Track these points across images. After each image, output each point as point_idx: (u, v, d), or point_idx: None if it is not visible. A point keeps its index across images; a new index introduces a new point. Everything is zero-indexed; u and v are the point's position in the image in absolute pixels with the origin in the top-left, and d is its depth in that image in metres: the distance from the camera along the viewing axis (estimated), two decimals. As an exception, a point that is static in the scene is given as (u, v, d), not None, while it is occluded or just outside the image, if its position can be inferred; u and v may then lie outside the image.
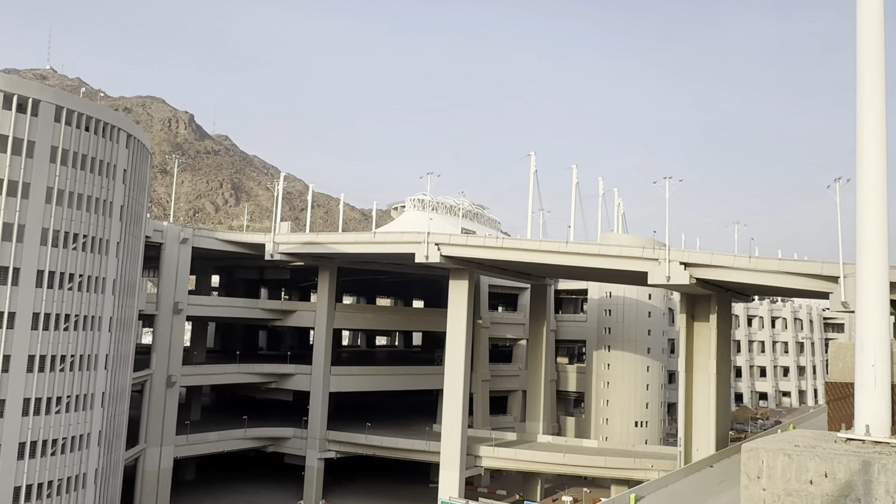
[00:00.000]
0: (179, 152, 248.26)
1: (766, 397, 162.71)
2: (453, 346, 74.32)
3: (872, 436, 27.41)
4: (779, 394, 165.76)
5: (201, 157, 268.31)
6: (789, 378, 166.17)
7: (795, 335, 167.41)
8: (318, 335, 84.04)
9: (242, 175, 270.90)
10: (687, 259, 57.59)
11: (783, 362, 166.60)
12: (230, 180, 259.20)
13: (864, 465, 24.91)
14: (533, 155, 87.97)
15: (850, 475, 25.08)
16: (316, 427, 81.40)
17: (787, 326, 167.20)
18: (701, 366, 67.79)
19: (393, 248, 72.70)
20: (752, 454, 26.50)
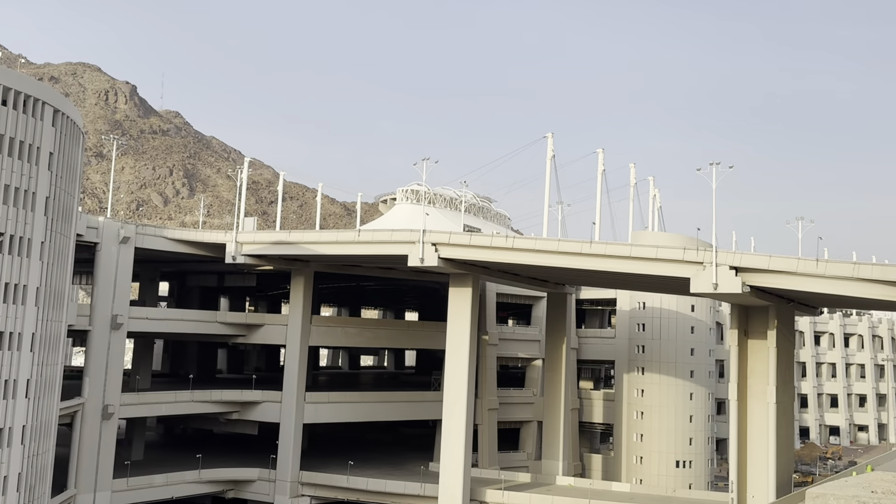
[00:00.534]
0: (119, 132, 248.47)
1: (838, 432, 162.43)
2: (454, 367, 74.16)
3: (966, 480, 27.22)
4: (854, 428, 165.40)
5: (146, 137, 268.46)
6: (866, 409, 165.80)
7: (874, 356, 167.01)
8: (289, 354, 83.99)
9: (197, 160, 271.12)
10: (739, 262, 57.42)
11: (859, 389, 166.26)
12: (182, 166, 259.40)
13: (955, 516, 24.71)
14: (550, 137, 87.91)
15: (939, 528, 24.89)
16: (287, 467, 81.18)
17: (863, 345, 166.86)
18: (757, 393, 67.65)
19: (381, 250, 72.65)
20: (818, 502, 26.30)
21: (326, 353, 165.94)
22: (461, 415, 73.40)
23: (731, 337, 69.18)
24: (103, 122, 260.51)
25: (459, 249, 69.41)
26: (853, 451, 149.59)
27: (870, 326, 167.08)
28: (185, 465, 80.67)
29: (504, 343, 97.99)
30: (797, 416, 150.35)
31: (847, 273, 53.42)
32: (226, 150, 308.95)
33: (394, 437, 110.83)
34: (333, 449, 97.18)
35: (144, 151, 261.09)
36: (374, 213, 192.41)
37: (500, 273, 77.94)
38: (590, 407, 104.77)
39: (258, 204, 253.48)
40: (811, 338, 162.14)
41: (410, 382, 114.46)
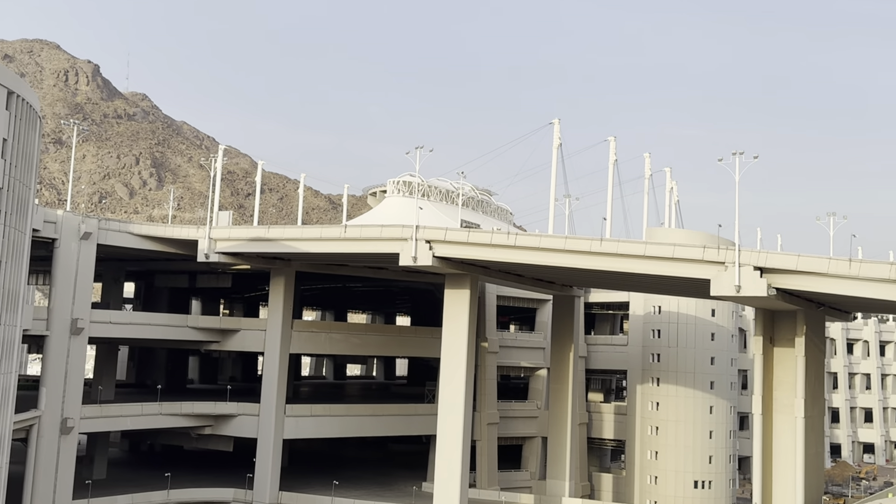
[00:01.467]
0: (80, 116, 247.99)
1: (873, 450, 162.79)
2: (450, 377, 74.22)
3: None
4: (890, 445, 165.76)
5: (110, 122, 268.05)
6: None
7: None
8: (268, 363, 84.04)
9: (167, 148, 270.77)
10: (764, 263, 57.57)
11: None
12: (150, 155, 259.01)
13: None
14: (556, 123, 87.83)
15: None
16: (265, 487, 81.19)
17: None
18: (784, 407, 67.86)
19: (370, 247, 72.68)
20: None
21: (309, 362, 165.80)
22: (457, 430, 73.41)
23: (755, 345, 69.34)
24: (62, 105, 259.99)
25: (456, 247, 69.43)
26: (889, 470, 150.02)
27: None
28: (152, 485, 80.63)
29: (505, 351, 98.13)
30: (828, 431, 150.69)
31: (883, 274, 53.55)
32: (198, 136, 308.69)
33: (383, 455, 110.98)
34: (316, 467, 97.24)
35: (108, 138, 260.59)
36: (362, 206, 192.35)
37: (502, 273, 77.98)
38: (599, 421, 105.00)
39: (234, 196, 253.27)
40: (843, 346, 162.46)
41: (402, 394, 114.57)
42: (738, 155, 60.44)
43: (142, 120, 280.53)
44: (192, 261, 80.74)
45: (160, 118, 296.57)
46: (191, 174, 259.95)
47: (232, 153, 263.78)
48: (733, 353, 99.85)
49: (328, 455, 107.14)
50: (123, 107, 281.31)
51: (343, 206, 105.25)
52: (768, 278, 57.50)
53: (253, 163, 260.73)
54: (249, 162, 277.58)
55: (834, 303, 68.51)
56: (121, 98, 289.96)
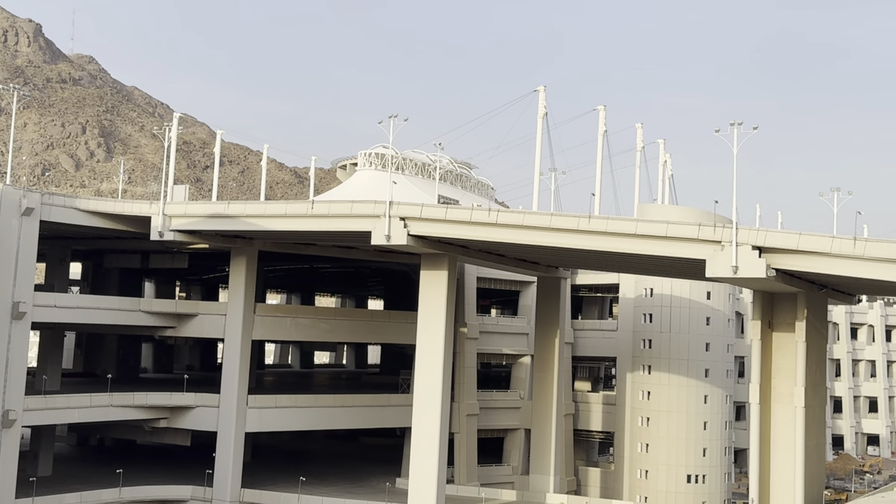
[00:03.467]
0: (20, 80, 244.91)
1: (878, 441, 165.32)
2: (426, 365, 74.48)
3: None
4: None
5: (53, 87, 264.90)
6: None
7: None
8: (228, 350, 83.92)
9: (116, 116, 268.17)
10: (763, 241, 58.09)
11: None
12: (98, 123, 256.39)
13: None
14: (542, 91, 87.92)
15: None
16: (225, 484, 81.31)
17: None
18: (783, 396, 68.74)
19: (339, 225, 72.52)
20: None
21: (273, 349, 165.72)
22: (434, 422, 73.78)
23: (752, 330, 70.07)
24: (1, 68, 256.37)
25: (433, 225, 69.45)
26: (895, 463, 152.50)
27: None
28: (102, 483, 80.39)
29: (486, 337, 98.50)
30: (830, 422, 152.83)
31: (891, 254, 54.21)
32: (151, 103, 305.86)
33: (354, 449, 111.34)
34: (282, 462, 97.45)
35: (51, 104, 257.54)
36: (330, 180, 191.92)
37: (482, 253, 78.18)
38: (587, 412, 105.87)
39: (190, 169, 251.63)
40: (847, 331, 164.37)
41: (374, 384, 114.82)
42: (736, 126, 60.69)
43: (88, 85, 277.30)
44: (145, 239, 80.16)
45: (109, 83, 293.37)
46: (143, 144, 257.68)
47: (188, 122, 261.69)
48: (730, 338, 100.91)
49: (295, 449, 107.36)
50: (68, 70, 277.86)
51: (310, 179, 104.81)
52: (767, 258, 58.05)
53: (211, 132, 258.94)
54: (207, 131, 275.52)
55: (837, 284, 69.33)
56: (65, 61, 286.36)
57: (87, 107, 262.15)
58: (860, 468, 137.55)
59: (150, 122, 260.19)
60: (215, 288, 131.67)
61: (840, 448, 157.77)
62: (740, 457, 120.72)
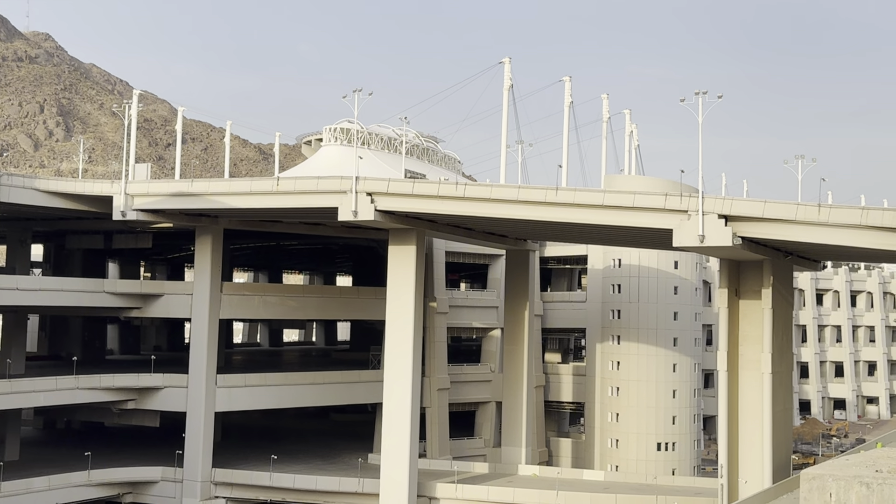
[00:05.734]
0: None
1: (844, 406, 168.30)
2: (396, 340, 74.66)
3: (983, 453, 28.55)
4: (862, 401, 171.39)
5: (9, 66, 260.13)
6: (876, 378, 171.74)
7: (885, 317, 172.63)
8: (196, 330, 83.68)
9: (75, 94, 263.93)
10: (729, 210, 58.58)
11: (868, 356, 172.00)
12: (56, 102, 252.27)
13: (970, 495, 25.98)
14: (507, 63, 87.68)
15: (951, 509, 26.20)
16: (196, 464, 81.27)
17: (873, 305, 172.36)
18: (750, 362, 69.57)
19: (305, 201, 72.25)
20: (815, 484, 27.49)
21: (242, 328, 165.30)
22: (405, 397, 74.05)
23: (720, 298, 70.68)
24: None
25: (400, 199, 69.32)
26: (861, 426, 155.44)
27: (880, 282, 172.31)
28: (71, 466, 79.99)
29: (455, 311, 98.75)
30: (797, 387, 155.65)
31: (854, 220, 54.82)
32: (110, 80, 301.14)
33: (325, 426, 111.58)
34: (253, 441, 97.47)
35: (8, 84, 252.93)
36: (296, 156, 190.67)
37: (450, 227, 78.16)
38: (557, 383, 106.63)
39: (152, 147, 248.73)
40: (812, 297, 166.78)
41: (344, 360, 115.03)
42: (701, 95, 60.96)
43: (45, 63, 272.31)
44: (108, 219, 79.60)
45: (66, 61, 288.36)
46: (103, 123, 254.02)
47: (148, 99, 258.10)
48: (697, 307, 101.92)
49: (265, 428, 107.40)
50: (24, 48, 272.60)
51: (275, 156, 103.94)
52: (733, 227, 58.54)
53: (172, 109, 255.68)
54: (168, 108, 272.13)
55: (803, 251, 70.18)
56: (21, 38, 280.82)
57: (44, 85, 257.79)
58: (827, 432, 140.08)
59: (110, 100, 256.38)
60: (181, 267, 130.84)
61: (807, 413, 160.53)
62: (709, 423, 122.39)
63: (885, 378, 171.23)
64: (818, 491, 27.81)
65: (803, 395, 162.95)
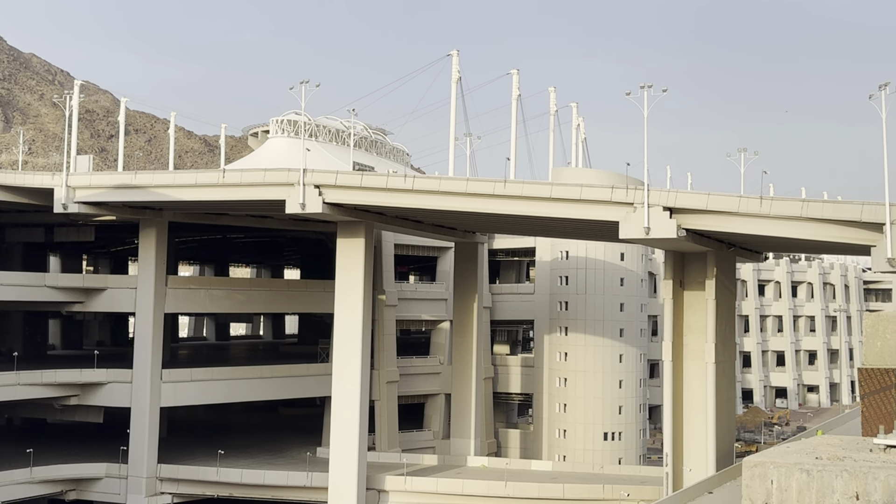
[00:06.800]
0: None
1: (786, 394, 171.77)
2: (344, 333, 74.56)
3: (920, 440, 29.26)
4: (802, 389, 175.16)
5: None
6: (817, 367, 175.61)
7: (825, 307, 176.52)
8: (141, 324, 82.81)
9: (14, 84, 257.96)
10: (673, 202, 59.29)
11: (808, 345, 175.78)
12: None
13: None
14: (455, 55, 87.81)
15: (891, 496, 26.94)
16: (141, 460, 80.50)
17: (813, 295, 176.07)
18: (694, 352, 70.64)
19: (252, 194, 71.81)
20: (756, 471, 28.06)
21: (187, 322, 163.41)
22: (354, 390, 74.06)
23: (665, 289, 71.66)
24: None
25: (349, 192, 69.15)
26: (802, 414, 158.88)
27: (820, 273, 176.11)
28: (12, 463, 78.67)
29: (405, 303, 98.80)
30: (739, 377, 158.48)
31: (795, 212, 55.85)
32: (50, 70, 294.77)
33: (274, 420, 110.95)
34: (199, 437, 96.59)
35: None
36: (242, 148, 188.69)
37: (399, 220, 78.16)
38: (506, 375, 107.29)
39: (94, 139, 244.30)
40: (755, 288, 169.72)
41: (292, 354, 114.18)
42: (646, 88, 61.59)
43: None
44: (49, 212, 78.28)
45: (4, 50, 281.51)
46: (43, 114, 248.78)
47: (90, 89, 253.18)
48: (643, 298, 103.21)
49: (212, 423, 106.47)
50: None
51: (220, 148, 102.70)
52: (678, 219, 59.27)
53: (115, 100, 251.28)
54: (111, 99, 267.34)
55: (745, 243, 71.41)
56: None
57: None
58: (769, 420, 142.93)
59: (51, 91, 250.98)
60: (125, 261, 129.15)
61: (749, 401, 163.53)
62: (655, 413, 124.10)
63: (825, 367, 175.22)
64: (760, 478, 28.39)
65: (746, 384, 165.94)
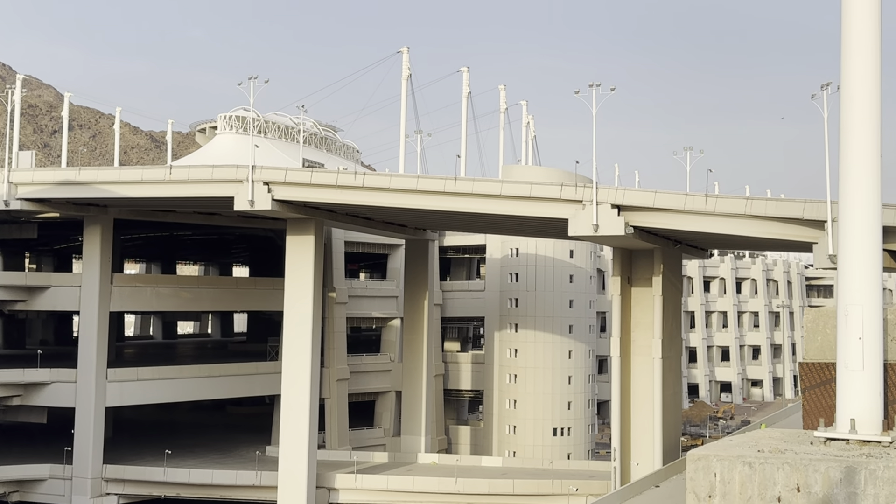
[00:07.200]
0: None
1: (731, 389, 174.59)
2: (294, 331, 74.24)
3: (859, 433, 29.69)
4: (747, 384, 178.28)
5: None
6: (760, 362, 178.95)
7: (768, 302, 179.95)
8: (85, 323, 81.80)
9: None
10: (622, 200, 59.99)
11: (752, 340, 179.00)
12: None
13: (847, 474, 27.08)
14: (405, 52, 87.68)
15: (830, 487, 27.30)
16: (86, 461, 79.47)
17: (756, 291, 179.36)
18: (641, 348, 71.56)
19: (200, 190, 71.17)
20: (700, 465, 28.35)
21: (134, 320, 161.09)
22: (304, 388, 73.71)
23: (613, 285, 72.46)
24: None
25: (298, 189, 68.82)
26: (746, 408, 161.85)
27: (764, 270, 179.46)
28: (-47, 466, 77.29)
29: (355, 301, 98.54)
30: (685, 372, 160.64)
31: (739, 209, 56.94)
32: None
33: (223, 419, 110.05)
34: (146, 437, 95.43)
35: None
36: (189, 144, 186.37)
37: (349, 217, 77.94)
38: (456, 372, 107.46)
39: (37, 134, 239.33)
40: (700, 284, 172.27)
41: (241, 352, 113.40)
42: (595, 87, 62.15)
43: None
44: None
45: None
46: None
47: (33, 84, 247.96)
48: (592, 295, 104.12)
49: (160, 422, 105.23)
50: None
51: (167, 144, 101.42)
52: (626, 216, 60.02)
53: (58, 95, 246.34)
54: (54, 94, 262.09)
55: (691, 240, 72.48)
56: None
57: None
58: (714, 414, 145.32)
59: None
60: (69, 258, 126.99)
61: (695, 396, 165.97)
62: (603, 408, 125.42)
63: (769, 362, 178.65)
64: (703, 471, 28.71)
65: (691, 379, 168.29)
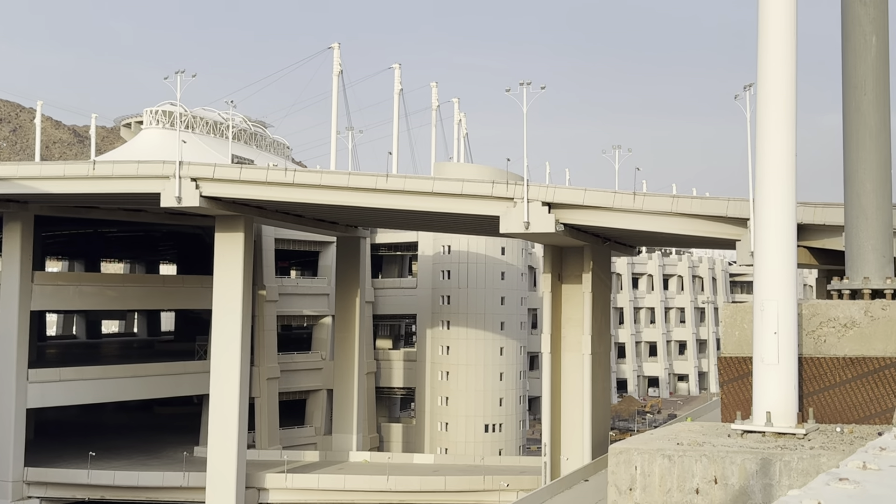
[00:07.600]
0: None
1: (658, 383, 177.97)
2: (223, 330, 73.66)
3: (774, 426, 30.82)
4: (673, 378, 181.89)
5: None
6: (686, 357, 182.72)
7: (694, 299, 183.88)
8: (5, 322, 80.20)
9: None
10: (552, 198, 60.84)
11: (679, 336, 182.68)
12: None
13: (762, 465, 27.96)
14: (336, 48, 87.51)
15: (746, 479, 28.11)
16: (7, 464, 78.16)
17: (683, 288, 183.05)
18: (572, 344, 72.68)
19: (125, 186, 70.28)
20: (621, 458, 28.71)
21: (56, 320, 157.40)
22: (233, 387, 73.15)
23: (544, 282, 73.43)
24: None
25: (227, 185, 68.24)
26: (673, 402, 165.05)
27: (690, 266, 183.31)
28: None
29: (286, 299, 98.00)
30: (614, 367, 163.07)
31: (666, 207, 58.24)
32: None
33: (149, 420, 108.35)
34: (69, 438, 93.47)
35: None
36: (114, 139, 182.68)
37: (279, 214, 77.51)
38: (388, 369, 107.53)
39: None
40: (629, 280, 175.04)
41: (168, 351, 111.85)
42: (525, 85, 62.89)
43: None
44: None
45: None
46: None
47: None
48: (523, 292, 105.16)
49: (85, 424, 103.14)
50: None
51: (91, 138, 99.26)
52: (556, 214, 60.88)
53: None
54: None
55: (620, 237, 73.83)
56: None
57: None
58: (642, 409, 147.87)
59: None
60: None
61: (624, 391, 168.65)
62: (534, 404, 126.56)
63: (695, 356, 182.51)
64: (625, 464, 29.22)
65: (620, 374, 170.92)
